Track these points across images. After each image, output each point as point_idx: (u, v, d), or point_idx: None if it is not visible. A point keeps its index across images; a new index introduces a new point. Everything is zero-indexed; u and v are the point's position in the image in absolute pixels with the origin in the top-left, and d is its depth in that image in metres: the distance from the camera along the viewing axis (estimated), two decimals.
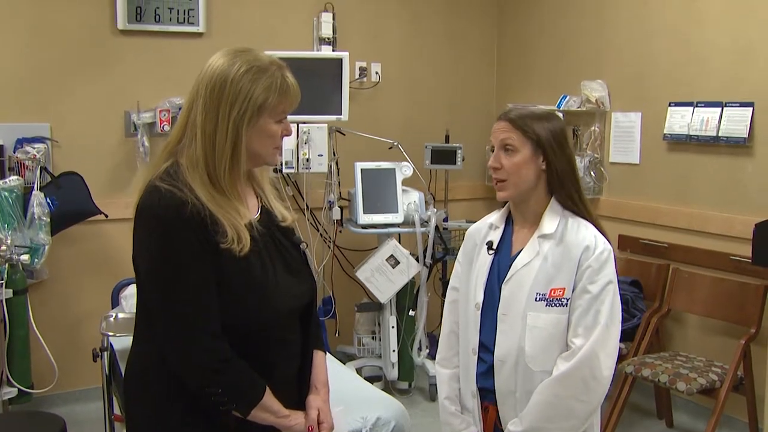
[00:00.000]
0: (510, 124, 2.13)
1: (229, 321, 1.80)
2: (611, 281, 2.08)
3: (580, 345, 2.05)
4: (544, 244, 2.13)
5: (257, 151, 1.86)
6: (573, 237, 2.11)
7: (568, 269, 2.09)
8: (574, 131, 4.80)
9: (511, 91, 5.41)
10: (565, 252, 2.10)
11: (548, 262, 2.11)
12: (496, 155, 2.15)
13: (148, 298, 1.83)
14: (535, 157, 2.11)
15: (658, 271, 4.26)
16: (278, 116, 1.85)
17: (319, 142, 4.36)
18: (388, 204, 4.36)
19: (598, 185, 4.71)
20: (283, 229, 1.97)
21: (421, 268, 4.33)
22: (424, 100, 5.31)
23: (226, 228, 1.78)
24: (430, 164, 4.82)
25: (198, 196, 1.78)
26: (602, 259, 2.08)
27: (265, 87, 1.81)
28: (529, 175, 2.12)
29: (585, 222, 2.14)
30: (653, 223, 4.42)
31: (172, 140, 1.88)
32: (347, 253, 4.95)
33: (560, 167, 2.12)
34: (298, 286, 1.94)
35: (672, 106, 4.25)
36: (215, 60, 1.84)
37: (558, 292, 2.09)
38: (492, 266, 2.21)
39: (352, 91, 4.68)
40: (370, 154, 4.62)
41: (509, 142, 2.12)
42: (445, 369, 2.35)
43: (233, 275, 1.79)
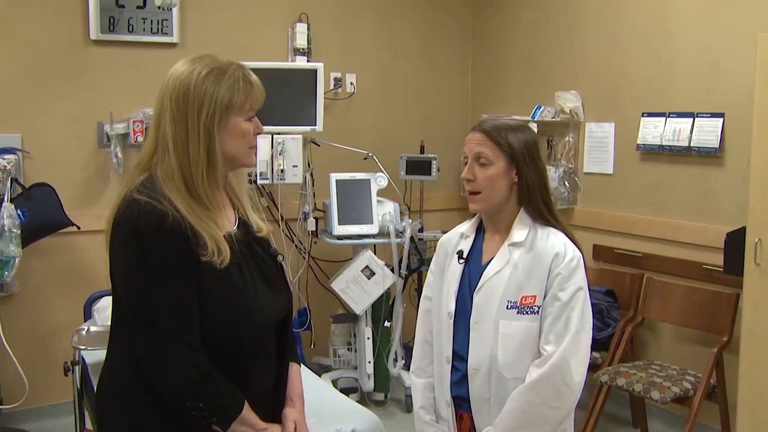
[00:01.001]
0: (485, 136, 2.13)
1: (209, 334, 1.78)
2: (581, 288, 2.09)
3: (551, 352, 2.06)
4: (514, 252, 2.14)
5: (232, 152, 1.85)
6: (543, 244, 2.11)
7: (539, 277, 2.10)
8: (549, 141, 4.80)
9: (486, 102, 5.40)
10: (536, 259, 2.11)
11: (519, 270, 2.12)
12: (469, 167, 2.15)
13: (128, 311, 1.79)
14: (509, 169, 2.12)
15: (633, 281, 4.26)
16: (247, 114, 1.85)
17: (293, 152, 4.33)
18: (363, 215, 4.33)
19: (572, 195, 4.71)
20: (259, 241, 1.96)
21: (396, 278, 4.32)
22: (399, 110, 5.29)
23: (206, 240, 1.77)
24: (405, 175, 4.80)
25: (177, 208, 1.76)
26: (572, 266, 2.09)
27: (228, 86, 1.81)
28: (502, 187, 2.13)
29: (555, 230, 2.15)
30: (627, 232, 4.43)
31: (144, 156, 1.86)
32: (322, 264, 4.92)
33: (531, 180, 2.13)
34: (276, 299, 1.94)
35: (645, 117, 4.26)
36: (175, 69, 1.85)
37: (529, 300, 2.09)
38: (463, 275, 2.21)
39: (326, 101, 4.68)
40: (345, 164, 4.60)
41: (484, 154, 2.12)
42: (419, 378, 2.34)
43: (214, 288, 1.78)
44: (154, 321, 1.75)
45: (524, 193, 2.14)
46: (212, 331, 1.78)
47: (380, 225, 4.33)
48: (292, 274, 4.70)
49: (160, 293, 1.74)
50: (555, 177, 4.65)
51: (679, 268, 4.11)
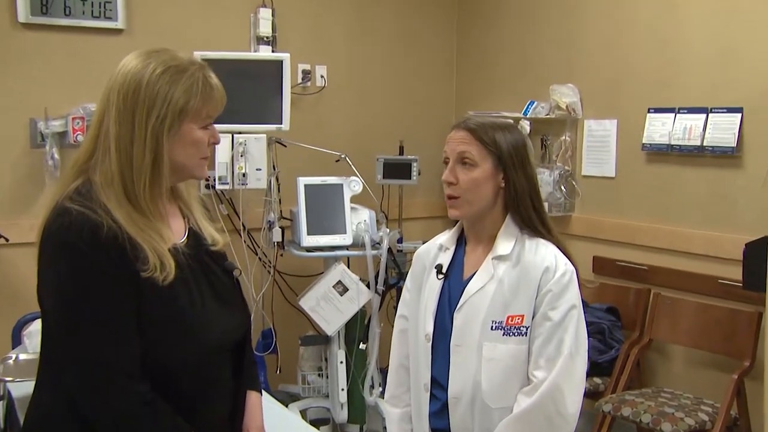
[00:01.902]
0: (470, 135, 2.14)
1: (151, 360, 1.77)
2: (575, 306, 2.09)
3: (542, 378, 2.05)
4: (499, 266, 2.15)
5: (181, 162, 1.85)
6: (531, 258, 2.12)
7: (527, 294, 2.10)
8: (543, 141, 4.80)
9: (473, 98, 5.40)
10: (523, 275, 2.12)
11: (504, 287, 2.12)
12: (451, 168, 2.16)
13: (57, 335, 1.77)
14: (495, 173, 2.13)
15: (638, 297, 4.24)
16: (203, 121, 1.85)
17: (256, 154, 4.31)
18: (335, 224, 4.32)
19: (569, 201, 4.69)
20: (213, 254, 1.96)
21: (372, 295, 4.30)
22: (376, 107, 5.28)
23: (147, 253, 1.76)
24: (382, 179, 4.80)
25: (114, 218, 1.75)
26: (564, 282, 2.09)
27: (185, 89, 1.81)
28: (487, 192, 2.14)
29: (544, 241, 2.16)
30: (631, 243, 4.40)
31: (81, 156, 1.85)
32: (289, 279, 4.90)
33: (520, 185, 2.14)
34: (230, 319, 1.93)
35: (651, 113, 4.24)
36: (127, 62, 1.83)
37: (516, 320, 2.09)
38: (442, 292, 2.22)
39: (294, 97, 4.64)
40: (315, 167, 4.57)
41: (468, 155, 2.13)
42: (394, 408, 2.36)
43: (156, 308, 1.77)
44: (87, 347, 1.73)
45: (511, 199, 2.15)
46: (155, 356, 1.77)
47: (354, 235, 4.31)
48: (256, 291, 4.66)
49: (93, 315, 1.72)
50: (550, 181, 4.65)
51: (690, 283, 4.08)
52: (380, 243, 4.29)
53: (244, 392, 2.03)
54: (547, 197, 4.59)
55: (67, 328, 1.74)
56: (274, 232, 4.45)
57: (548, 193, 4.62)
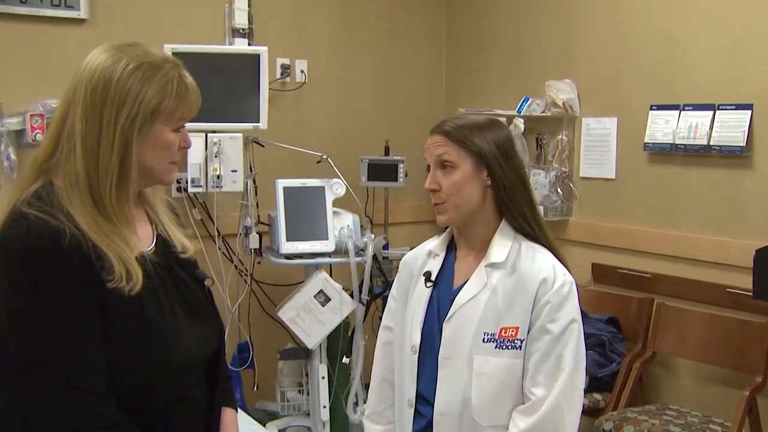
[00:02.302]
0: (445, 138, 2.16)
1: (118, 377, 1.76)
2: (575, 320, 2.10)
3: (541, 396, 2.06)
4: (492, 274, 2.16)
5: (150, 165, 1.84)
6: (528, 266, 2.14)
7: (522, 305, 2.11)
8: (538, 140, 4.79)
9: (463, 95, 5.39)
10: (519, 284, 2.13)
11: (498, 296, 2.13)
12: (432, 175, 2.18)
13: (15, 352, 1.74)
14: (478, 171, 2.15)
15: (640, 307, 4.22)
16: (175, 123, 1.86)
17: (232, 155, 4.28)
18: (317, 229, 4.30)
19: (566, 205, 4.68)
20: (183, 263, 1.97)
21: (356, 305, 4.29)
22: (360, 105, 5.26)
23: (112, 262, 1.75)
24: (366, 181, 4.76)
25: (77, 225, 1.74)
26: (563, 294, 2.11)
27: (158, 88, 1.81)
28: (472, 193, 2.16)
29: (541, 248, 2.18)
30: (633, 249, 4.39)
31: (40, 155, 1.84)
32: (267, 288, 4.85)
33: (508, 180, 2.16)
34: (202, 332, 1.94)
35: (654, 110, 4.22)
36: (96, 56, 1.82)
37: (510, 332, 2.10)
38: (431, 301, 2.23)
39: (272, 93, 4.61)
40: (295, 169, 4.55)
41: (446, 157, 2.15)
42: (376, 425, 2.38)
43: (122, 321, 1.76)
44: (47, 364, 1.71)
45: (501, 195, 2.16)
46: (123, 372, 1.76)
47: (337, 241, 4.29)
48: (231, 301, 4.60)
49: (54, 329, 1.71)
50: (546, 183, 4.64)
51: (697, 292, 4.05)
52: (364, 249, 4.27)
53: (219, 410, 2.02)
54: (542, 200, 4.60)
55: (23, 345, 1.71)
56: (250, 238, 4.38)
57: (544, 196, 4.61)
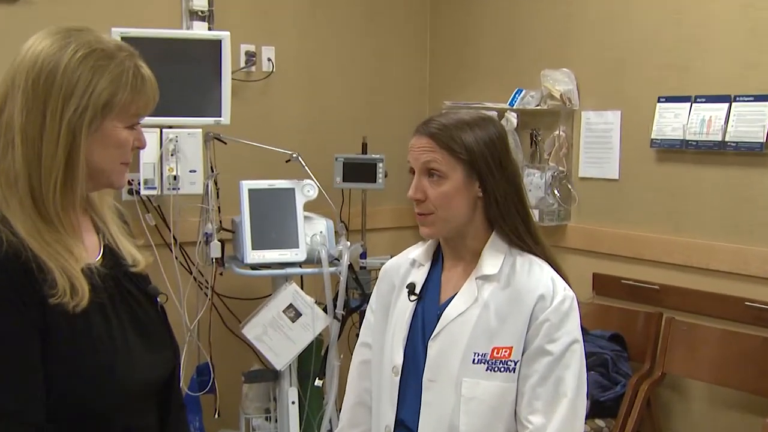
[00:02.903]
0: (432, 141, 2.13)
1: (60, 404, 1.73)
2: (576, 340, 2.10)
3: (540, 425, 2.06)
4: (484, 287, 2.15)
5: (100, 165, 1.82)
6: (523, 280, 2.14)
7: (517, 322, 2.10)
8: (533, 136, 4.77)
9: (449, 86, 5.37)
10: (514, 299, 2.12)
11: (490, 312, 2.12)
12: (417, 183, 2.16)
13: None
14: (469, 181, 2.14)
15: (647, 322, 4.20)
16: (129, 120, 1.84)
17: (190, 153, 4.19)
18: (286, 236, 4.22)
19: (564, 208, 4.64)
20: (133, 277, 1.95)
21: (330, 321, 4.20)
22: (335, 97, 5.20)
23: (55, 275, 1.73)
24: (341, 182, 4.76)
25: (15, 231, 1.72)
26: (563, 311, 2.10)
27: (111, 79, 1.78)
28: (461, 206, 2.14)
29: (538, 260, 2.18)
30: (639, 257, 4.36)
31: None
32: (230, 303, 4.77)
33: (501, 192, 2.14)
34: (155, 354, 1.92)
35: (662, 102, 4.19)
36: (38, 41, 1.80)
37: (503, 353, 2.09)
38: (414, 316, 2.22)
39: (235, 84, 4.52)
40: (261, 169, 4.50)
41: (434, 165, 2.13)
42: None
43: (66, 341, 1.74)
44: None
45: (494, 210, 2.16)
46: (65, 399, 1.74)
47: (308, 249, 4.22)
48: (190, 318, 4.48)
49: None
50: (541, 184, 4.60)
51: (711, 306, 4.03)
52: (339, 259, 4.21)
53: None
54: (537, 203, 4.57)
55: None
56: (211, 246, 4.28)
57: (539, 199, 4.58)
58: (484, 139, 2.14)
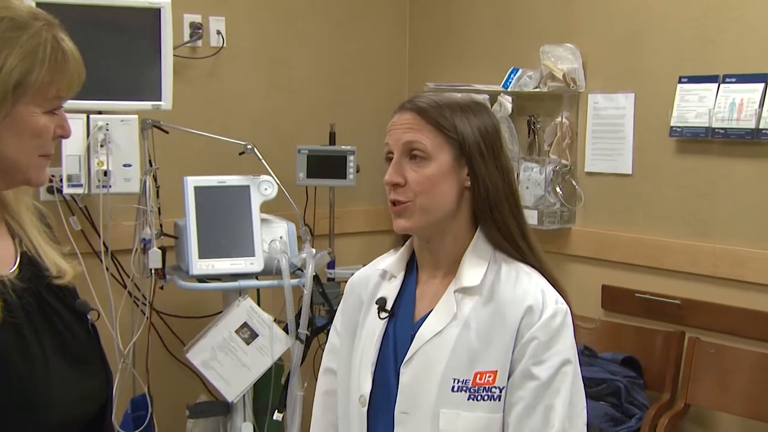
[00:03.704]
0: (419, 117, 2.12)
1: None
2: (568, 360, 2.08)
3: None
4: (464, 302, 2.13)
5: (13, 158, 1.80)
6: (509, 292, 2.12)
7: (502, 342, 2.09)
8: (530, 124, 4.70)
9: (432, 66, 5.35)
10: (498, 315, 2.10)
11: (471, 331, 2.11)
12: (396, 165, 2.14)
13: None
14: (457, 166, 2.13)
15: (667, 344, 4.15)
16: (49, 103, 1.82)
17: (124, 144, 4.09)
18: (240, 242, 4.17)
19: (567, 209, 4.60)
20: (57, 290, 1.91)
21: (292, 343, 4.13)
22: (297, 78, 5.15)
23: None
24: (305, 178, 4.69)
25: None
26: (554, 327, 2.08)
27: (25, 53, 1.76)
28: (447, 194, 2.14)
29: (527, 268, 2.17)
30: (656, 267, 4.30)
31: None
32: (173, 322, 4.71)
33: (492, 183, 2.14)
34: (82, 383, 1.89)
35: (684, 83, 4.11)
36: None
37: (487, 378, 2.09)
38: (385, 337, 2.21)
39: (178, 61, 4.45)
40: (210, 163, 4.51)
41: (419, 145, 2.11)
42: None
43: None
44: None
45: (482, 202, 2.14)
46: None
47: (266, 258, 4.16)
48: (124, 341, 4.31)
49: None
50: (540, 180, 4.53)
51: (744, 324, 3.97)
52: (303, 269, 4.17)
53: None
54: (536, 203, 4.51)
55: None
56: (150, 255, 4.21)
57: (538, 198, 4.50)
58: (477, 124, 2.14)
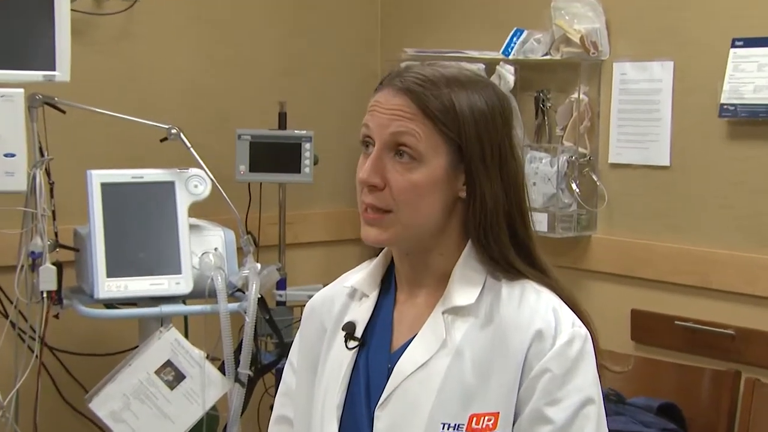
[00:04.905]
0: (413, 104, 2.01)
1: None
2: (591, 399, 1.99)
3: None
4: (456, 325, 2.07)
5: None
6: (512, 312, 2.05)
7: (505, 376, 2.02)
8: (539, 102, 4.53)
9: (411, 28, 5.19)
10: (499, 341, 2.03)
11: (465, 363, 2.03)
12: (376, 161, 2.04)
13: None
14: (453, 175, 2.05)
15: (717, 386, 3.99)
16: None
17: (5, 127, 3.88)
18: (161, 256, 4.00)
19: (586, 211, 4.45)
20: None
21: (230, 386, 3.98)
22: (237, 42, 4.96)
23: None
24: (248, 173, 4.56)
25: None
26: (571, 357, 1.99)
27: None
28: (434, 207, 2.06)
29: (532, 283, 2.09)
30: (702, 286, 4.11)
31: None
32: (73, 361, 4.48)
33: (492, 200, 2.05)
34: None
35: (739, 47, 3.93)
36: None
37: (486, 422, 2.02)
38: (355, 372, 2.16)
39: (78, 19, 4.22)
40: (123, 152, 4.41)
41: (410, 140, 2.00)
42: None
43: None
44: None
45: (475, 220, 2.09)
46: None
47: (197, 276, 3.98)
48: (3, 389, 4.14)
49: None
50: (551, 174, 4.37)
51: None
52: (244, 290, 3.99)
53: None
54: (546, 203, 4.36)
55: None
56: (41, 273, 3.96)
57: (548, 197, 4.35)
58: (482, 111, 2.02)
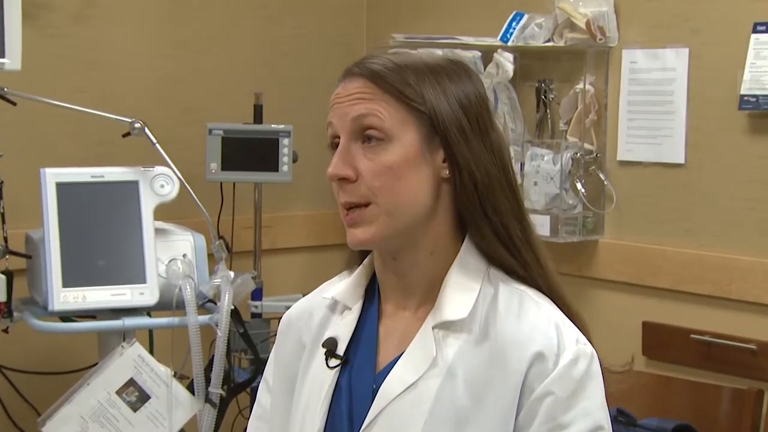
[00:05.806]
0: (372, 84, 2.05)
1: None
2: (600, 426, 2.00)
3: None
4: (447, 342, 2.08)
5: None
6: (511, 327, 2.06)
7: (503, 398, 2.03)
8: (540, 93, 4.57)
9: (400, 12, 5.27)
10: (496, 360, 2.04)
11: (458, 383, 2.04)
12: (344, 152, 2.08)
13: None
14: (428, 150, 2.06)
15: (738, 405, 3.99)
16: None
17: None
18: (124, 263, 4.01)
19: (593, 213, 4.47)
20: None
21: (200, 407, 3.98)
22: (208, 27, 4.99)
23: None
24: (220, 171, 4.57)
25: None
26: (576, 376, 2.01)
27: None
28: (416, 188, 2.07)
29: (534, 293, 2.09)
30: (721, 296, 4.12)
31: None
32: (24, 381, 4.49)
33: (481, 169, 2.08)
34: None
35: (761, 32, 3.95)
36: None
37: None
38: (337, 393, 2.17)
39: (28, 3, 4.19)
40: (80, 149, 4.43)
41: (373, 121, 2.03)
42: None
43: None
44: None
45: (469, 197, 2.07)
46: None
47: (163, 286, 4.00)
48: None
49: None
50: (554, 172, 4.39)
51: None
52: (216, 300, 4.00)
53: None
54: (548, 205, 4.38)
55: None
56: None
57: (550, 198, 4.37)
58: (455, 91, 2.05)
